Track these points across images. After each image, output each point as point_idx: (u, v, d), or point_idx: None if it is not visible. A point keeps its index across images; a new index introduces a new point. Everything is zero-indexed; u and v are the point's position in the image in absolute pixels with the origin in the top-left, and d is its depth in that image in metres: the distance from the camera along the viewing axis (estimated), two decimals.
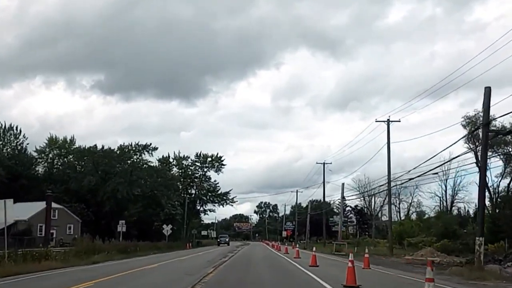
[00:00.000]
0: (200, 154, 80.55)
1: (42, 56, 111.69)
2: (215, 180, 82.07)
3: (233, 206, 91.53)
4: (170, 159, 79.72)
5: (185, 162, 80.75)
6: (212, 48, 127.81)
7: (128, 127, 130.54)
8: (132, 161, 69.02)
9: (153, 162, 72.63)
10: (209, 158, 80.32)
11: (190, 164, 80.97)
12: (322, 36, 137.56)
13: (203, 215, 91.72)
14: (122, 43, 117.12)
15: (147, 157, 70.59)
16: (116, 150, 68.10)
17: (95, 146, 67.13)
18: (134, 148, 68.97)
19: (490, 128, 17.43)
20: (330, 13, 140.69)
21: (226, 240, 77.86)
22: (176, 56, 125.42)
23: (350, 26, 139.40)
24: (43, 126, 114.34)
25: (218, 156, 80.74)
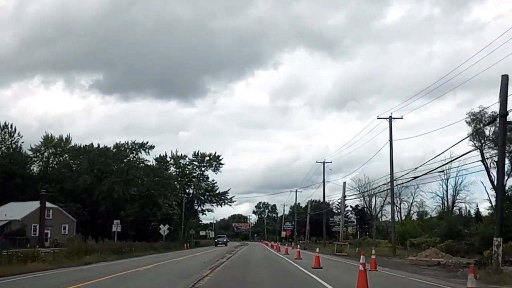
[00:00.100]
0: (197, 153, 79.61)
1: (41, 55, 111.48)
2: (213, 179, 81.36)
3: (231, 206, 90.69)
4: (168, 158, 78.78)
5: (182, 161, 79.81)
6: (210, 48, 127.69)
7: (126, 127, 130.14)
8: (128, 160, 68.15)
9: (150, 161, 72.15)
10: (207, 157, 79.29)
11: (187, 163, 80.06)
12: (320, 36, 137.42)
13: (201, 215, 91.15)
14: (121, 43, 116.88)
15: (144, 156, 70.12)
16: (112, 148, 67.22)
17: (91, 144, 66.44)
18: (130, 146, 68.19)
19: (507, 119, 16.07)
20: (328, 13, 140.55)
21: (224, 240, 75.95)
22: (174, 56, 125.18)
23: (348, 26, 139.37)
24: (42, 126, 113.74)
25: (216, 155, 79.83)
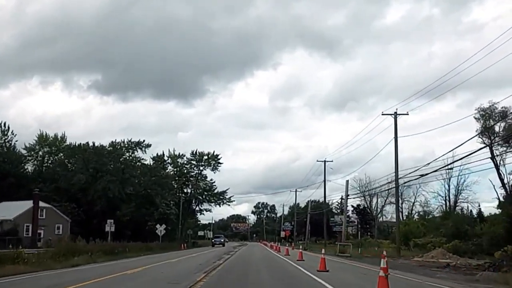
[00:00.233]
0: (196, 152, 78.27)
1: (39, 56, 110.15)
2: (212, 179, 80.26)
3: (230, 206, 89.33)
4: (165, 157, 77.39)
5: (180, 160, 78.44)
6: (210, 48, 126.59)
7: (125, 128, 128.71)
8: (124, 158, 66.90)
9: (146, 160, 71.03)
10: (205, 156, 77.99)
11: (185, 162, 78.73)
12: (319, 36, 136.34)
13: (199, 215, 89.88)
14: (119, 43, 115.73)
15: (141, 154, 69.02)
16: (107, 147, 65.95)
17: (87, 143, 65.11)
18: (126, 145, 66.92)
19: None
20: (328, 13, 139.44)
21: (221, 240, 73.43)
22: (173, 56, 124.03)
23: (347, 26, 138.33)
24: (41, 126, 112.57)
25: (215, 154, 78.52)
